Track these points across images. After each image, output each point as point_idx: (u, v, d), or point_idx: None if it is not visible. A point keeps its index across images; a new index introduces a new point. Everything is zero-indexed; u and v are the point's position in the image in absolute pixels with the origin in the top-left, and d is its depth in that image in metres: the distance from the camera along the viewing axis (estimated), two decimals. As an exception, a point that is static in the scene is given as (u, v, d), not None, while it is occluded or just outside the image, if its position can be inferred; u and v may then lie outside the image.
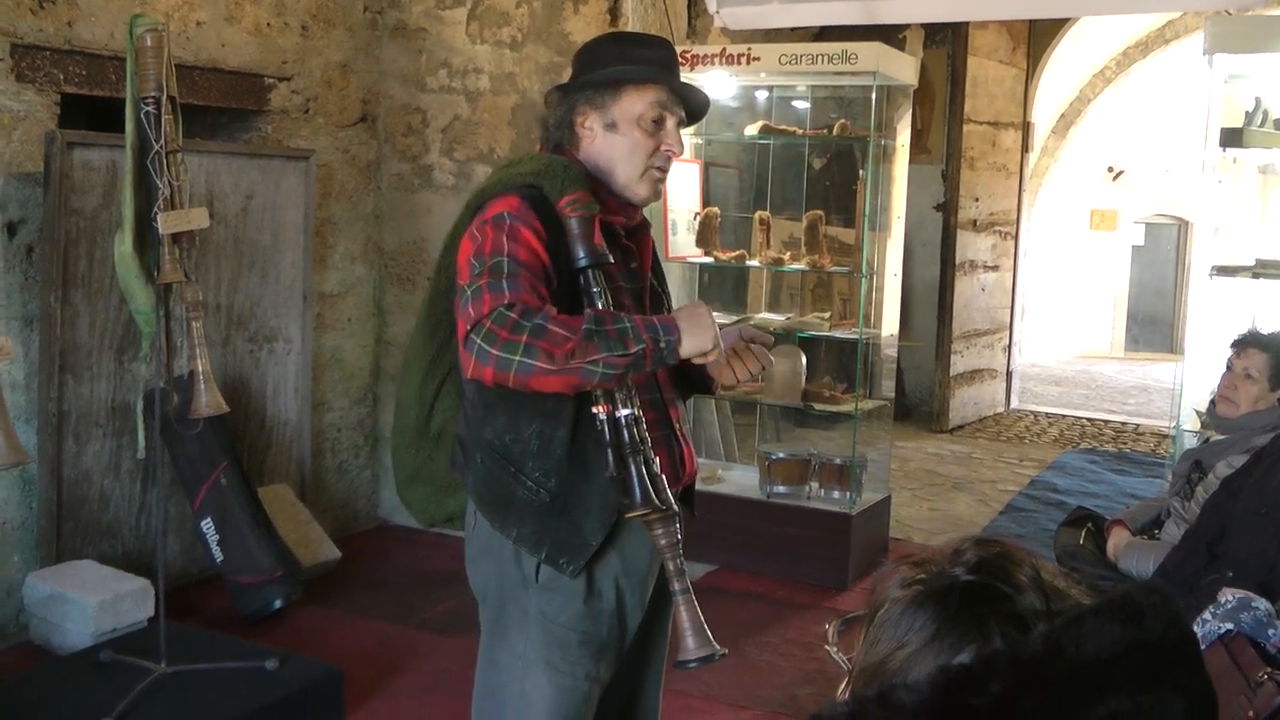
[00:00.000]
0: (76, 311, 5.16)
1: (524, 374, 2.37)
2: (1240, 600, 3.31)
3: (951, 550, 1.22)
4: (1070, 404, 13.25)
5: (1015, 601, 1.14)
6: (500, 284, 2.44)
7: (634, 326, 2.44)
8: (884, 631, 1.19)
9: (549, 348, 2.36)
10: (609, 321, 2.43)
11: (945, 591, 1.17)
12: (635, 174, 2.73)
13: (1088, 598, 1.15)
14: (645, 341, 2.43)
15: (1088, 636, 1.04)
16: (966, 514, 7.97)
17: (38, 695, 4.25)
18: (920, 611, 1.17)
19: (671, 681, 3.13)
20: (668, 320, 2.51)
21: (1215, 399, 4.72)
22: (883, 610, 1.22)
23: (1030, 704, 1.02)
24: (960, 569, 1.18)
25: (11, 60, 4.96)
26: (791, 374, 6.64)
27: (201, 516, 5.35)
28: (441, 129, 6.61)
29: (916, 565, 1.23)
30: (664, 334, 2.46)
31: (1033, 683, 1.03)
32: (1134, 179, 17.80)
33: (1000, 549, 1.20)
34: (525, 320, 2.37)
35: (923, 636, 1.15)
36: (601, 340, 2.39)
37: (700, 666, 2.56)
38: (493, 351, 2.37)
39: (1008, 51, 11.06)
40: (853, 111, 8.44)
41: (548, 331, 2.36)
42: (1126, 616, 1.06)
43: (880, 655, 1.19)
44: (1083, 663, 1.03)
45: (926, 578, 1.20)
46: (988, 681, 1.03)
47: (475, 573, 2.82)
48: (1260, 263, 5.86)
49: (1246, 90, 5.87)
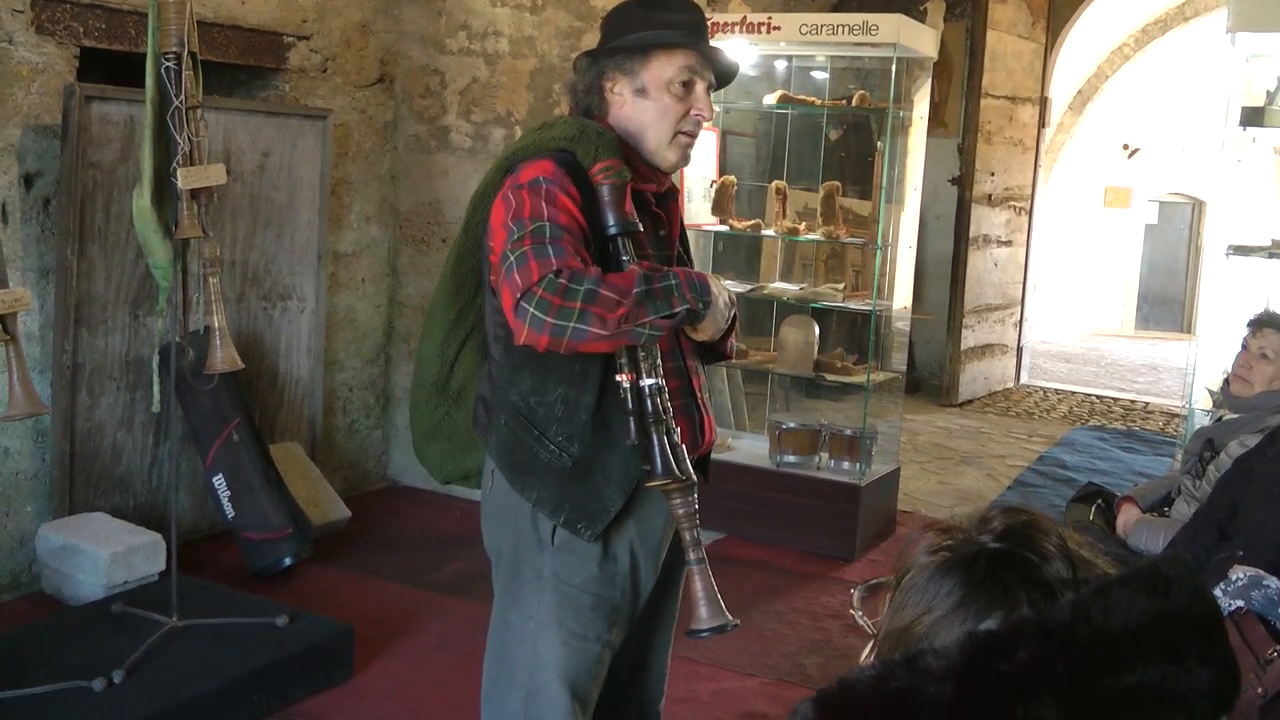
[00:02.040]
0: (92, 264, 5.17)
1: (578, 340, 2.38)
2: (1251, 578, 3.31)
3: (979, 518, 1.23)
4: (1080, 381, 13.24)
5: (1042, 570, 1.15)
6: (545, 249, 2.43)
7: (679, 285, 2.47)
8: (910, 596, 1.21)
9: (602, 313, 2.36)
10: (656, 280, 2.45)
11: (973, 558, 1.18)
12: (665, 139, 2.72)
13: (1114, 568, 1.16)
14: (689, 301, 2.46)
15: (1115, 606, 1.05)
16: (975, 488, 7.97)
17: (50, 645, 4.28)
18: (947, 578, 1.18)
19: (679, 649, 3.15)
20: (704, 280, 2.53)
21: (1229, 378, 4.72)
22: (909, 575, 1.23)
23: (1057, 671, 1.03)
24: (987, 536, 1.19)
25: (32, 13, 4.95)
26: (804, 344, 6.65)
27: (213, 472, 5.37)
28: (459, 91, 6.60)
29: (943, 532, 1.24)
30: (702, 293, 2.50)
31: (1060, 650, 1.04)
32: (1149, 157, 17.74)
33: (1028, 518, 1.21)
34: (577, 285, 2.37)
35: (949, 602, 1.16)
36: (650, 302, 2.41)
37: (712, 636, 2.58)
38: (548, 319, 2.36)
39: (1027, 26, 11.01)
40: (871, 83, 8.41)
41: (599, 297, 2.37)
42: (1154, 587, 1.07)
43: (906, 620, 1.20)
44: (1110, 632, 1.04)
45: (954, 544, 1.21)
46: (1015, 648, 1.05)
47: (490, 532, 2.82)
48: (1276, 243, 5.84)
49: (1268, 69, 5.84)
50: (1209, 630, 1.08)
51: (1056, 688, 1.03)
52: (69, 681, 3.94)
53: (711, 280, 2.58)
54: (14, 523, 5.10)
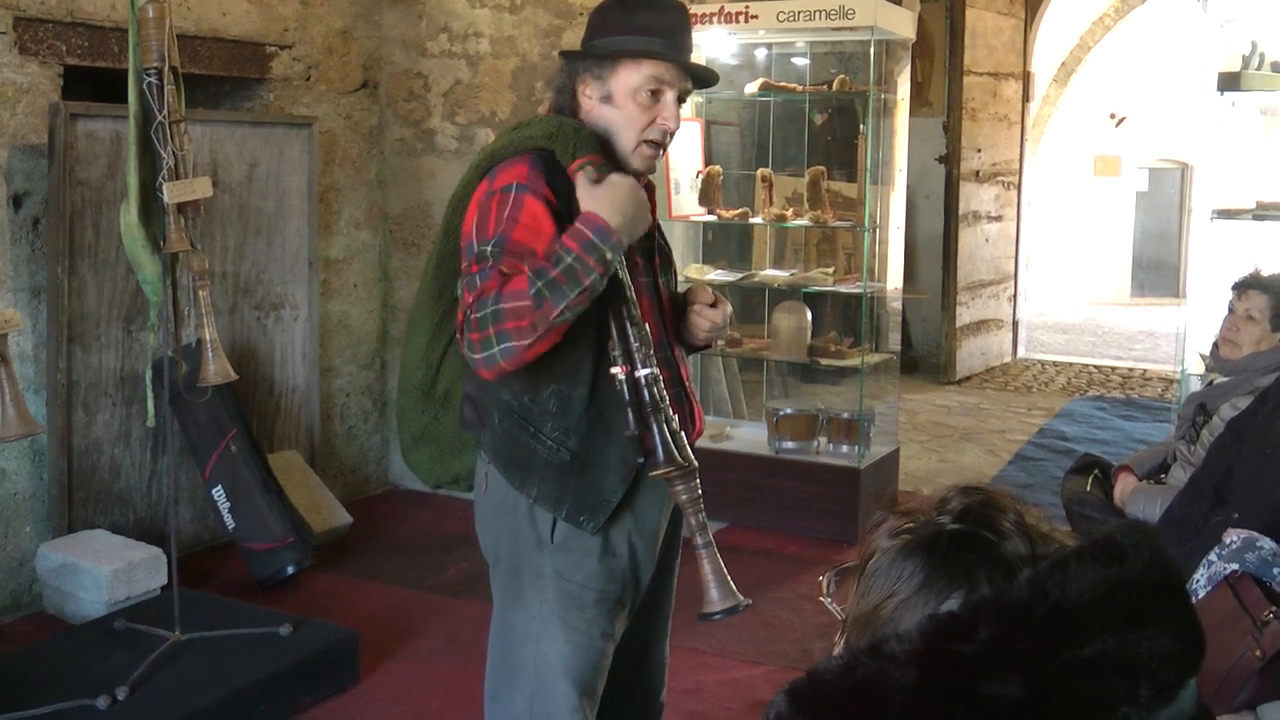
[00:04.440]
0: (83, 282, 5.18)
1: (509, 357, 2.42)
2: (1245, 540, 3.33)
3: (938, 499, 1.25)
4: (1077, 351, 13.26)
5: (1000, 548, 1.17)
6: (474, 279, 2.48)
7: (576, 257, 2.42)
8: (874, 581, 1.23)
9: (514, 324, 2.39)
10: (552, 267, 2.41)
11: (932, 540, 1.20)
12: (629, 147, 2.69)
13: (1072, 540, 1.18)
14: (593, 268, 2.43)
15: (1071, 579, 1.07)
16: (975, 465, 7.99)
17: (52, 664, 4.29)
18: (908, 560, 1.20)
19: (685, 639, 3.16)
20: (597, 222, 2.47)
21: (1218, 342, 4.73)
22: (873, 560, 1.25)
23: (1019, 648, 1.05)
24: (946, 517, 1.21)
25: (15, 33, 4.97)
26: (797, 330, 6.66)
27: (212, 484, 5.39)
28: (443, 93, 6.61)
29: (904, 515, 1.26)
30: (601, 241, 2.45)
31: (1020, 627, 1.06)
32: (1136, 124, 17.73)
33: (984, 496, 1.23)
34: (483, 312, 2.42)
35: (911, 585, 1.18)
36: (553, 291, 2.39)
37: (725, 618, 2.59)
38: (477, 355, 2.44)
39: (1006, 2, 11.03)
40: (852, 66, 8.42)
41: (504, 313, 2.40)
42: (1109, 557, 1.09)
43: (871, 604, 1.22)
44: (1068, 605, 1.06)
45: (914, 526, 1.23)
46: (976, 628, 1.06)
47: (486, 534, 2.83)
48: (1261, 205, 5.85)
49: (1243, 34, 5.85)
50: (1167, 595, 1.10)
51: (1019, 664, 1.05)
52: (73, 700, 3.95)
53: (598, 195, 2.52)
54: (13, 544, 5.11)
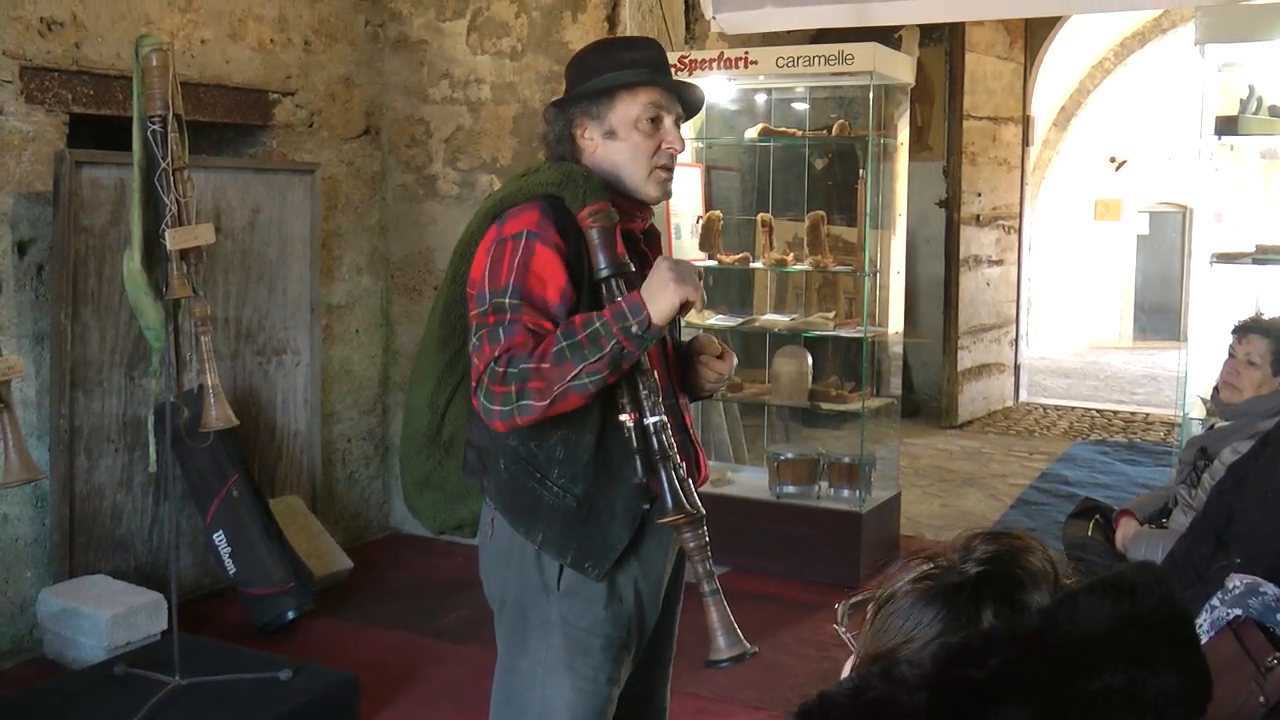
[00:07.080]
0: (87, 328, 5.20)
1: (526, 415, 2.47)
2: (1248, 585, 3.31)
3: (962, 545, 1.25)
4: (1079, 395, 13.24)
5: (1022, 597, 1.17)
6: (498, 331, 2.51)
7: (604, 323, 2.46)
8: (892, 622, 1.22)
9: (537, 385, 2.43)
10: (580, 330, 2.46)
11: (955, 589, 1.20)
12: (641, 176, 2.73)
13: None
14: (616, 335, 2.45)
15: (1082, 612, 1.07)
16: (977, 509, 7.97)
17: (53, 709, 4.27)
18: (929, 607, 1.20)
19: (686, 684, 3.15)
20: (634, 299, 2.49)
21: (1219, 385, 4.74)
22: (892, 601, 1.24)
23: (1028, 677, 1.06)
24: (971, 564, 1.21)
25: (21, 82, 5.01)
26: (798, 374, 6.66)
27: (213, 529, 5.38)
28: (444, 139, 6.65)
29: (928, 560, 1.26)
30: (632, 316, 2.46)
31: (1030, 656, 1.06)
32: (1137, 168, 17.78)
33: (1009, 543, 1.23)
34: (511, 369, 2.46)
35: (930, 632, 1.18)
36: (575, 353, 2.43)
37: (732, 666, 2.58)
38: (495, 407, 2.48)
39: (1005, 46, 11.07)
40: (852, 111, 8.47)
41: (531, 373, 2.44)
42: (1119, 593, 1.09)
43: (887, 645, 1.22)
44: (1078, 637, 1.07)
45: (937, 573, 1.23)
46: (987, 655, 1.07)
47: (492, 580, 2.83)
48: (1261, 248, 5.87)
49: (1241, 78, 5.88)
50: (1177, 634, 1.10)
51: (1028, 693, 1.05)
52: (75, 745, 3.94)
53: (654, 272, 2.52)
54: (14, 589, 5.11)
